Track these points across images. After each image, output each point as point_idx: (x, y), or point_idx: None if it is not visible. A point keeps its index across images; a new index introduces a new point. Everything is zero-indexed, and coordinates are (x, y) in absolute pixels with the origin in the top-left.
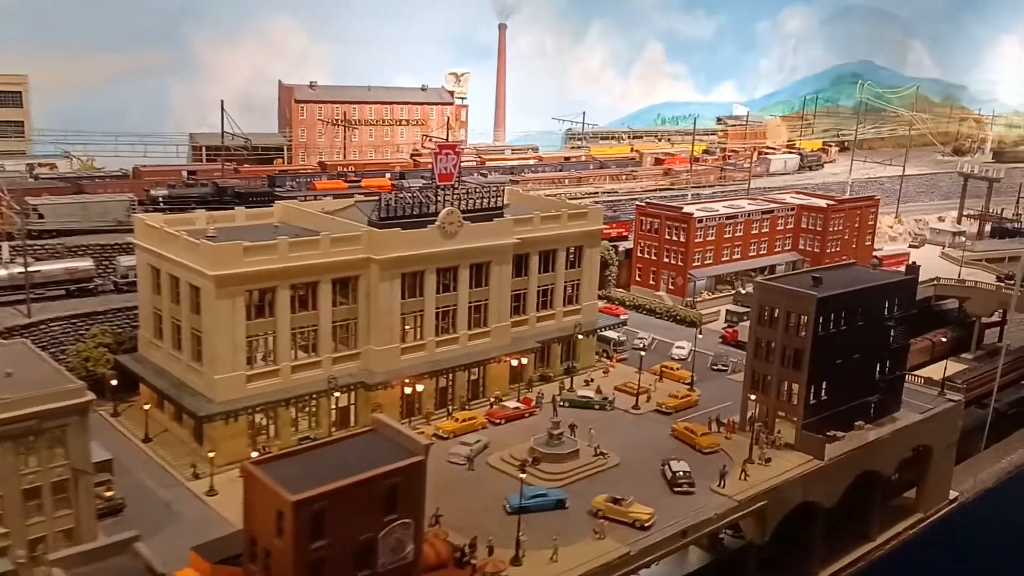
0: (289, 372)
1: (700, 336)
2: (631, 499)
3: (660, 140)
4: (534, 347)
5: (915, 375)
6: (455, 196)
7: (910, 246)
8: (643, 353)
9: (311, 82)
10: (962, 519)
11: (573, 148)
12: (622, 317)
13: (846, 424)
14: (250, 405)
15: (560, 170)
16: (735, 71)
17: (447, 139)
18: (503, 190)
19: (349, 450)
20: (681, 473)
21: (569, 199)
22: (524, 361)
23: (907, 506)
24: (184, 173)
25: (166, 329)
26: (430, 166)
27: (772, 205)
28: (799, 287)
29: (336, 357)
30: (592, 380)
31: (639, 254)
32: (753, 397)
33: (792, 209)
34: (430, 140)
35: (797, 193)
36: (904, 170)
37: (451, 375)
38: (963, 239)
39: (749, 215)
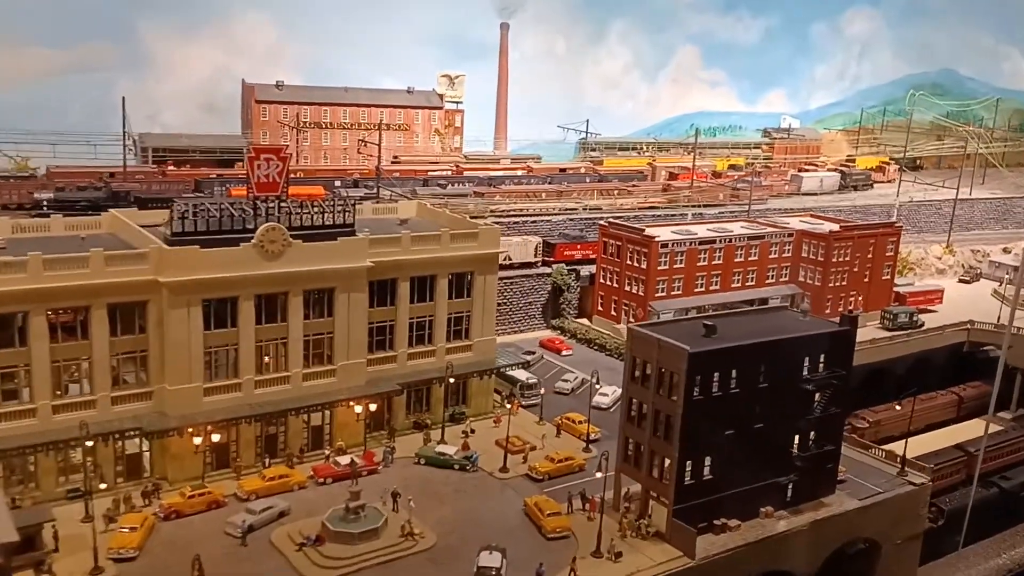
0: (49, 412)
1: (597, 385)
2: None
3: (689, 152)
4: (390, 390)
5: (882, 448)
6: (283, 210)
7: (960, 280)
8: (539, 399)
9: (278, 82)
10: None
11: (583, 159)
12: (564, 352)
13: (749, 510)
14: None
15: (549, 182)
16: (785, 78)
17: (443, 147)
18: (353, 204)
19: None
20: (488, 570)
21: (530, 215)
22: (373, 407)
23: None
24: (108, 175)
25: None
26: (398, 174)
27: (765, 230)
28: (680, 337)
29: (117, 396)
30: (473, 431)
31: (601, 280)
32: (599, 474)
33: (791, 235)
34: (365, 145)
35: (812, 216)
36: (958, 193)
37: (282, 421)
38: None
39: (731, 240)
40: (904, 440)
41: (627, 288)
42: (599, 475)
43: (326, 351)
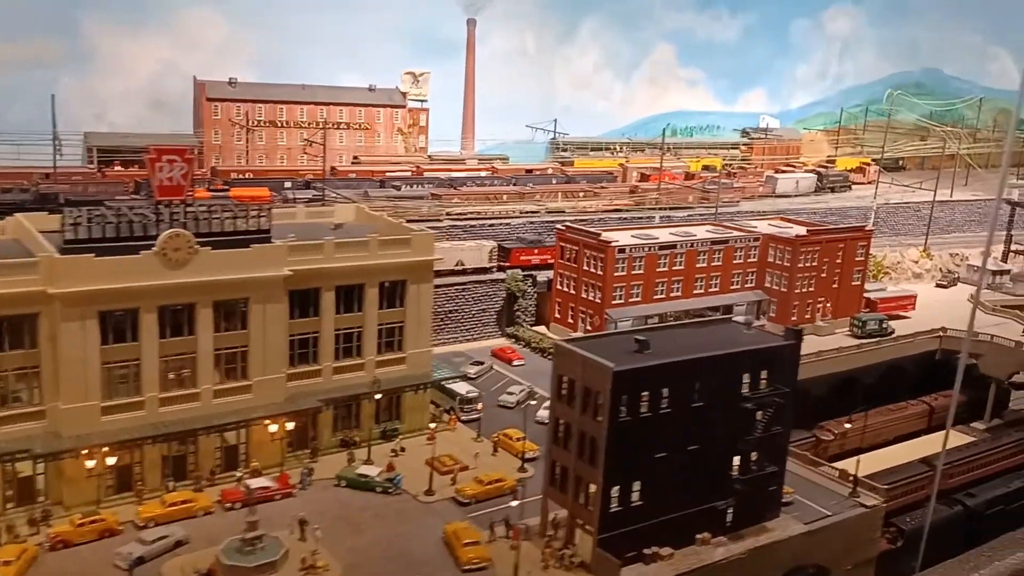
0: None
1: (533, 400)
2: None
3: (665, 153)
4: (310, 407)
5: (834, 467)
6: (190, 215)
7: (937, 285)
8: (479, 413)
9: (231, 79)
10: None
11: (555, 160)
12: (515, 363)
13: (685, 537)
14: None
15: (513, 184)
16: (765, 78)
17: (407, 147)
18: (269, 208)
19: None
20: None
21: (488, 218)
22: (290, 425)
23: None
24: (43, 175)
25: None
26: (355, 175)
27: (730, 234)
28: (608, 353)
29: (6, 416)
30: (403, 450)
31: (559, 287)
32: (515, 502)
33: (756, 239)
34: (310, 145)
35: (782, 220)
36: (935, 195)
37: (192, 441)
38: (1005, 279)
39: (693, 245)
40: (856, 459)
41: (584, 295)
42: (514, 503)
43: (240, 366)
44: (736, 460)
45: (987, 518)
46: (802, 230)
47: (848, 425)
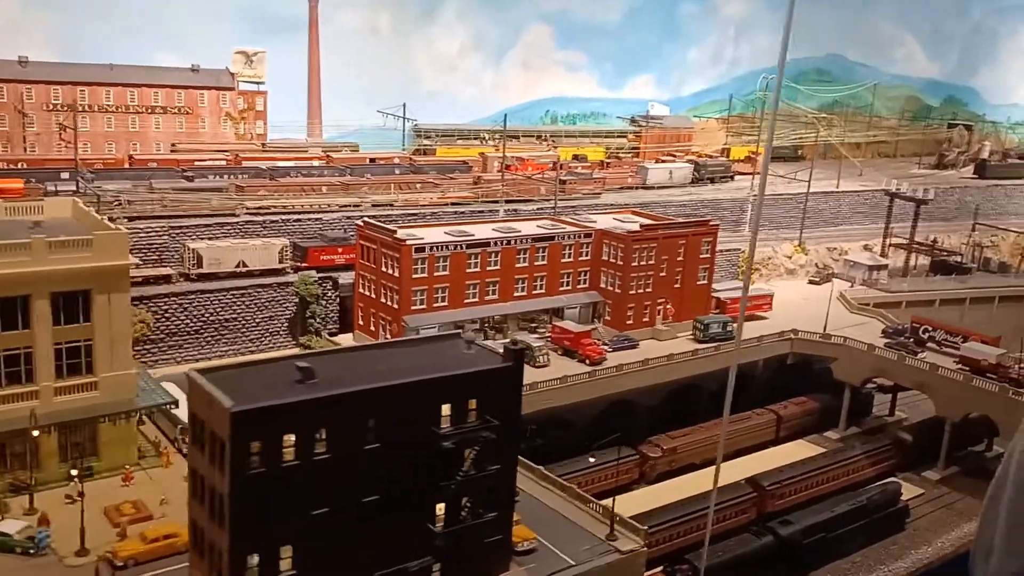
0: None
1: None
2: None
3: (541, 141)
4: None
5: (598, 503)
6: None
7: (810, 282)
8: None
9: (20, 57)
10: None
11: (418, 148)
12: None
13: None
14: None
15: (348, 174)
16: (653, 62)
17: (239, 133)
18: None
19: None
20: None
21: (295, 213)
22: None
23: None
24: None
25: None
26: (156, 164)
27: (559, 229)
28: (257, 385)
29: None
30: (82, 495)
31: (360, 290)
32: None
33: (588, 236)
34: (65, 130)
35: (632, 213)
36: (810, 185)
37: None
38: (882, 274)
39: (510, 243)
40: (613, 498)
41: (383, 300)
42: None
43: None
44: (442, 508)
45: (806, 548)
46: (632, 224)
47: (679, 439)
